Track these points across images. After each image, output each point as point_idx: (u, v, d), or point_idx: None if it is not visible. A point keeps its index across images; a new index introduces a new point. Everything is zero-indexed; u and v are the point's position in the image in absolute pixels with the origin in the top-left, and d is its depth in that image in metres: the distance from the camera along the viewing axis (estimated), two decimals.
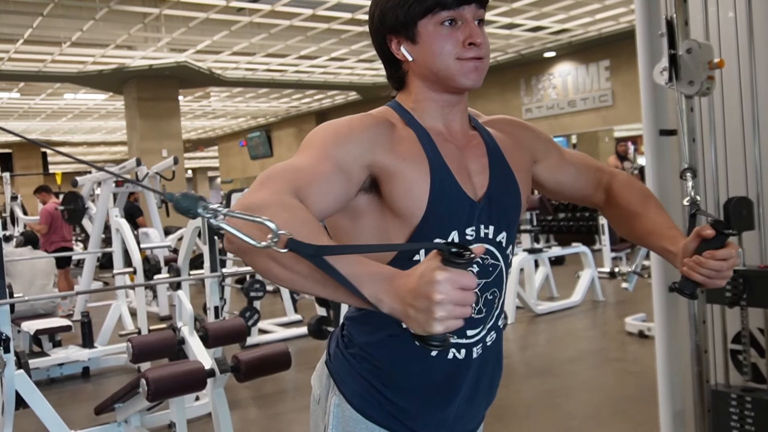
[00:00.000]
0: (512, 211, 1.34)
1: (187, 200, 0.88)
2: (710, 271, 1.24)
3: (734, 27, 2.66)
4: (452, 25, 1.22)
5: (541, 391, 4.52)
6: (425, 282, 0.85)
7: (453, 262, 0.85)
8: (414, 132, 1.27)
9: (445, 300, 0.84)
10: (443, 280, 0.84)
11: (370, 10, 1.31)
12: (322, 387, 1.35)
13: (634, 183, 1.52)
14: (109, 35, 11.41)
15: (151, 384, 2.82)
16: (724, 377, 2.72)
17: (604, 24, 12.74)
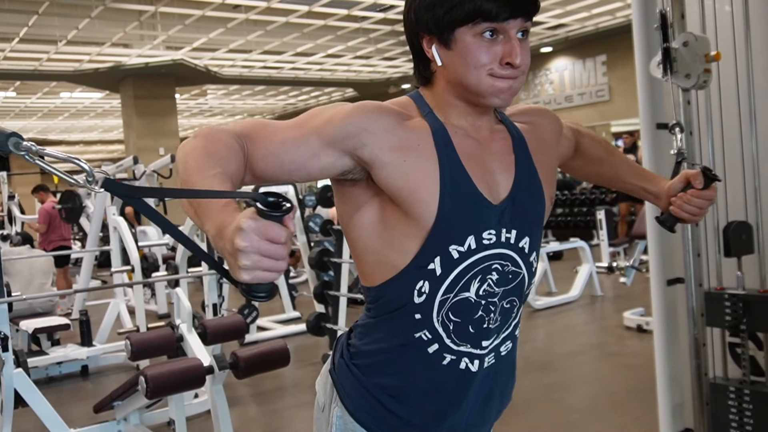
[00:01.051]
0: (536, 214, 1.26)
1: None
2: (694, 208, 1.40)
3: (731, 20, 2.66)
4: (493, 36, 1.12)
5: (540, 386, 4.52)
6: (233, 228, 0.84)
7: (264, 213, 0.84)
8: (430, 126, 1.19)
9: (249, 248, 0.82)
10: (248, 229, 0.82)
11: (405, 7, 1.22)
12: (326, 396, 1.31)
13: (595, 135, 1.56)
14: (104, 33, 11.39)
15: (150, 381, 2.82)
16: (722, 370, 2.72)
17: (601, 19, 12.74)
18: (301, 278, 9.43)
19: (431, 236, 1.15)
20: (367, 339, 1.27)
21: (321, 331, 5.36)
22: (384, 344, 1.24)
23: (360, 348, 1.27)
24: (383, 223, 1.18)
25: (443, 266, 1.16)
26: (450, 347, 1.21)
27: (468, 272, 1.18)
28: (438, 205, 1.14)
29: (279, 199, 0.85)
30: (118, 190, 0.92)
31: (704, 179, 1.39)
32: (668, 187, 1.44)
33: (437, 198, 1.14)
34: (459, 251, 1.16)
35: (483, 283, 1.19)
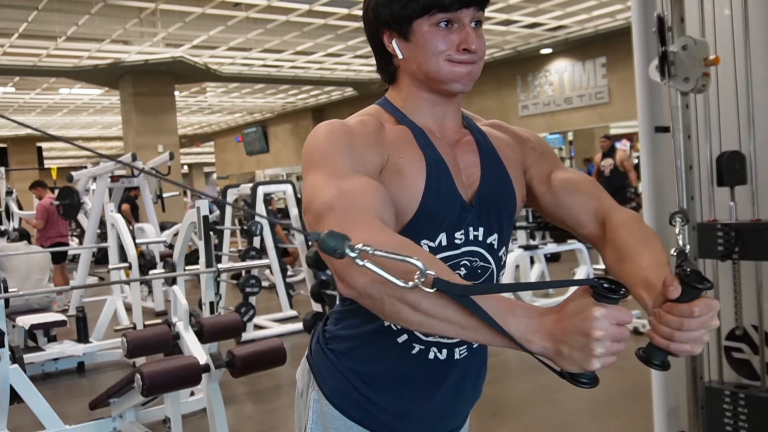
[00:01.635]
0: (505, 211, 1.29)
1: (333, 239, 0.84)
2: (670, 330, 0.92)
3: (730, 24, 2.66)
4: (448, 26, 1.18)
5: (536, 387, 4.52)
6: (581, 319, 0.83)
7: (608, 298, 0.83)
8: (409, 129, 1.24)
9: (605, 336, 0.82)
10: (601, 317, 0.82)
11: (363, 5, 1.28)
12: (304, 381, 1.35)
13: (636, 222, 1.25)
14: (104, 30, 11.37)
15: (146, 379, 2.82)
16: (717, 374, 2.73)
17: (601, 21, 12.74)
18: (298, 277, 9.43)
19: (406, 229, 1.18)
20: (342, 324, 1.31)
21: None
22: (356, 330, 1.28)
23: (335, 333, 1.31)
24: None
25: None
26: (419, 337, 1.25)
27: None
28: (420, 200, 1.18)
29: (612, 284, 0.84)
30: (452, 289, 0.85)
31: (685, 288, 0.91)
32: (652, 300, 1.01)
33: (421, 194, 1.19)
34: (429, 246, 1.21)
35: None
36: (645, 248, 1.16)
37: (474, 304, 0.86)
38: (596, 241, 1.30)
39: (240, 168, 25.67)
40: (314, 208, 1.05)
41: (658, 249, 1.16)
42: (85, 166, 9.93)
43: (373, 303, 0.93)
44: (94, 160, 25.56)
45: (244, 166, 25.35)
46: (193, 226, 4.75)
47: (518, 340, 0.87)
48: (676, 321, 0.90)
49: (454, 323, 0.88)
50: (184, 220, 4.93)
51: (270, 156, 23.83)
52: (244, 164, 25.36)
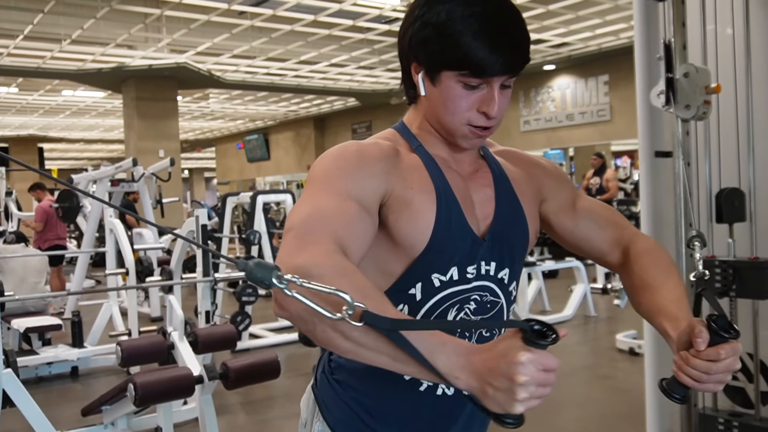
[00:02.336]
0: (518, 246, 1.27)
1: (261, 270, 0.83)
2: (698, 372, 1.02)
3: (732, 50, 2.67)
4: (475, 85, 1.13)
5: None
6: (507, 363, 0.81)
7: (536, 343, 0.82)
8: (421, 159, 1.22)
9: (529, 382, 0.81)
10: (527, 362, 0.81)
11: (405, 21, 1.21)
12: (308, 411, 1.33)
13: (658, 251, 1.30)
14: (109, 34, 11.41)
15: (139, 389, 2.81)
16: (712, 401, 2.73)
17: (604, 39, 12.79)
18: None
19: (417, 263, 1.17)
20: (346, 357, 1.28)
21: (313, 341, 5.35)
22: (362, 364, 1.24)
23: (340, 363, 1.29)
24: (374, 255, 1.18)
25: (423, 293, 1.19)
26: None
27: (447, 301, 1.20)
28: (431, 234, 1.16)
29: (543, 328, 0.83)
30: (380, 323, 0.84)
31: (712, 335, 1.00)
32: (678, 336, 1.08)
33: (431, 228, 1.16)
34: (441, 280, 1.19)
35: (460, 312, 1.22)
36: (666, 279, 1.22)
37: (402, 338, 0.85)
38: (618, 269, 1.35)
39: (240, 174, 25.69)
40: (286, 225, 1.05)
41: (678, 280, 1.23)
42: (86, 169, 9.94)
43: (305, 326, 0.91)
44: (95, 162, 25.59)
45: (244, 173, 25.37)
46: (191, 234, 4.75)
47: (445, 377, 0.86)
48: (705, 365, 1.00)
49: (384, 355, 0.88)
50: (183, 228, 4.93)
51: (271, 163, 23.85)
52: (244, 171, 25.37)
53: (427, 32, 1.14)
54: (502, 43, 1.11)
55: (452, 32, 1.11)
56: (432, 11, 1.13)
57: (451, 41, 1.11)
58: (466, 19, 1.10)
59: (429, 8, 1.14)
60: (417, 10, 1.17)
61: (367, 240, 1.09)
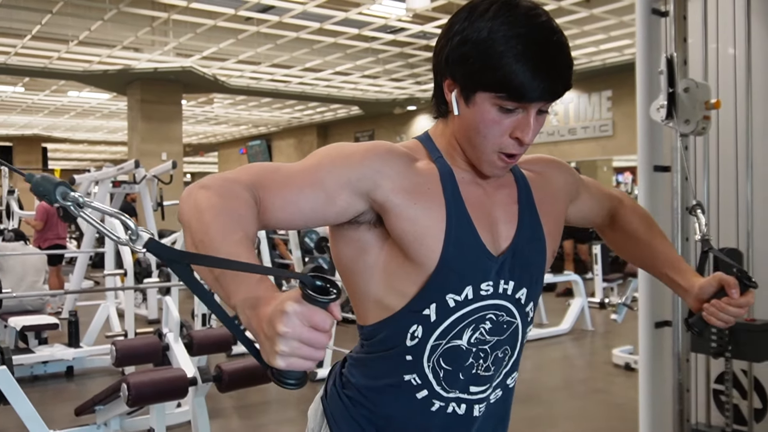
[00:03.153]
0: (536, 267, 1.24)
1: (45, 183, 0.81)
2: (729, 317, 1.31)
3: (733, 67, 2.68)
4: (512, 109, 1.09)
5: (524, 418, 4.50)
6: (274, 310, 0.78)
7: (311, 297, 0.77)
8: (438, 170, 1.17)
9: (290, 335, 0.77)
10: (292, 313, 0.77)
11: (443, 35, 1.16)
12: (316, 423, 1.30)
13: (639, 208, 1.52)
14: (116, 36, 11.46)
15: (132, 389, 2.81)
16: (705, 416, 2.72)
17: (608, 55, 12.83)
18: None
19: (430, 282, 1.13)
20: (359, 373, 1.25)
21: None
22: (374, 382, 1.23)
23: (351, 380, 1.26)
24: (385, 267, 1.16)
25: (438, 313, 1.15)
26: (440, 394, 1.20)
27: (462, 321, 1.17)
28: (441, 252, 1.12)
29: (327, 284, 0.79)
30: (163, 252, 0.85)
31: (741, 286, 1.30)
32: (699, 287, 1.35)
33: (441, 245, 1.12)
34: (455, 300, 1.15)
35: (475, 332, 1.18)
36: (656, 234, 1.46)
37: (187, 272, 0.86)
38: (606, 228, 1.53)
39: None
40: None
41: (664, 236, 1.48)
42: (89, 170, 9.95)
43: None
44: (98, 164, 25.63)
45: None
46: None
47: (238, 313, 0.86)
48: (737, 311, 1.31)
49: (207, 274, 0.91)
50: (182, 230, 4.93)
51: None
52: None
53: (466, 49, 1.09)
54: (545, 68, 1.06)
55: (493, 52, 1.06)
56: (473, 27, 1.08)
57: (491, 61, 1.06)
58: (510, 40, 1.05)
59: (470, 24, 1.09)
60: (457, 25, 1.12)
61: (294, 211, 1.08)
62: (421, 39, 11.73)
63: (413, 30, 11.16)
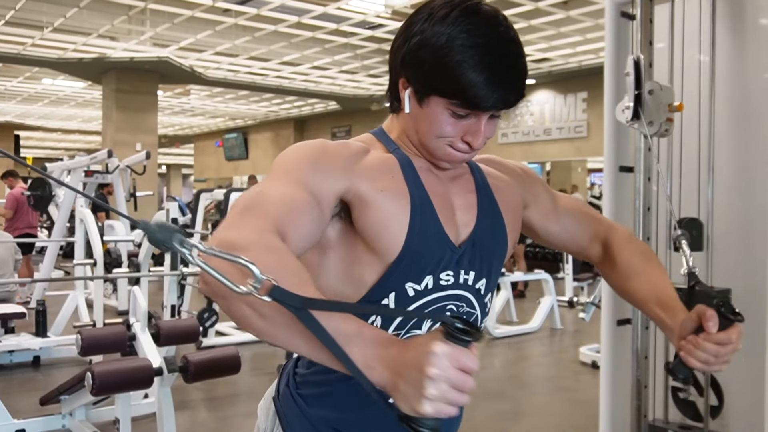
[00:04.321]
0: (496, 257, 1.24)
1: (162, 232, 0.78)
2: (708, 356, 1.10)
3: (698, 71, 2.73)
4: (464, 114, 1.10)
5: (491, 414, 4.55)
6: (420, 352, 0.75)
7: (456, 338, 0.75)
8: (398, 160, 1.18)
9: (440, 377, 0.74)
10: (441, 354, 0.74)
11: (402, 33, 1.15)
12: (268, 422, 1.28)
13: (635, 240, 1.40)
14: (92, 24, 11.33)
15: (97, 378, 2.80)
16: (663, 413, 2.78)
17: (584, 57, 12.95)
18: None
19: (390, 271, 1.12)
20: (314, 368, 1.23)
21: None
22: (330, 375, 1.17)
23: (306, 377, 1.24)
24: (346, 260, 1.15)
25: (397, 302, 1.14)
26: None
27: (422, 311, 1.16)
28: (404, 240, 1.12)
29: (466, 325, 0.76)
30: (289, 300, 0.77)
31: (720, 319, 1.09)
32: (681, 323, 1.17)
33: (405, 233, 1.12)
34: (415, 289, 1.15)
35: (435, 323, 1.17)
36: (651, 267, 1.32)
37: (312, 320, 0.79)
38: (599, 261, 1.42)
39: (218, 172, 25.58)
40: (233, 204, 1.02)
41: (661, 268, 1.33)
42: (62, 159, 9.84)
43: (224, 304, 0.85)
44: (72, 153, 25.31)
45: (222, 171, 25.27)
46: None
47: (359, 367, 0.80)
48: (715, 349, 1.09)
49: (298, 337, 0.82)
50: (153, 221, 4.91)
51: (249, 163, 23.78)
52: (222, 169, 25.27)
53: (423, 54, 1.09)
54: (500, 79, 1.07)
55: (450, 60, 1.06)
56: (432, 31, 1.09)
57: (447, 70, 1.07)
58: (467, 50, 1.06)
59: (430, 27, 1.09)
60: (417, 26, 1.12)
61: (310, 232, 1.05)
62: None
63: (392, 26, 11.17)
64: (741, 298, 2.53)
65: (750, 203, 2.64)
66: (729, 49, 2.70)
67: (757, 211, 2.61)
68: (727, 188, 2.68)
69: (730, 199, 2.68)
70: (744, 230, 2.67)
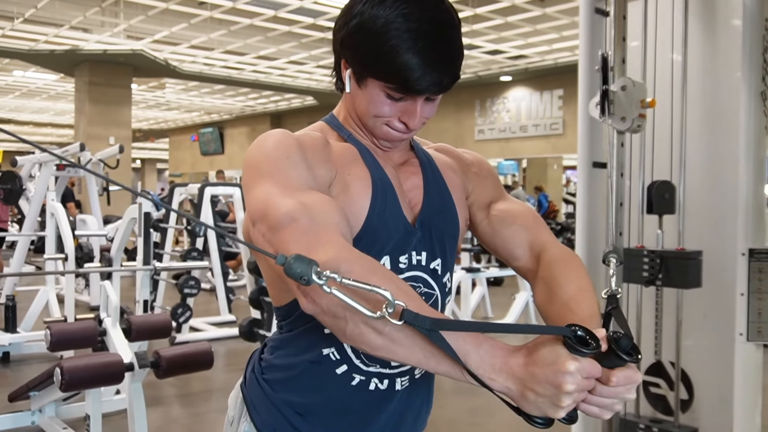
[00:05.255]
0: (448, 235, 1.26)
1: (300, 264, 0.82)
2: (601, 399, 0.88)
3: (670, 68, 2.76)
4: (399, 95, 1.13)
5: (464, 409, 4.56)
6: (554, 371, 0.83)
7: (580, 351, 0.83)
8: (356, 148, 1.21)
9: (576, 390, 0.83)
10: (576, 371, 0.83)
11: (343, 14, 1.17)
12: (236, 410, 1.29)
13: (571, 264, 1.22)
14: (64, 15, 11.17)
15: (66, 374, 2.76)
16: (634, 407, 2.80)
17: (560, 54, 13.04)
18: (240, 282, 9.35)
19: None
20: (278, 353, 1.24)
21: (253, 336, 5.33)
22: (294, 359, 1.22)
23: (271, 362, 1.25)
24: None
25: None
26: (359, 368, 1.19)
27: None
28: (364, 221, 1.14)
29: (585, 334, 0.84)
30: (420, 323, 0.84)
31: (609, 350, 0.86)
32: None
33: (365, 214, 1.15)
34: None
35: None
36: (577, 292, 1.14)
37: (441, 339, 0.85)
38: (528, 275, 1.28)
39: (193, 167, 25.39)
40: (271, 220, 0.99)
41: (589, 293, 1.14)
42: (33, 152, 9.68)
43: (335, 322, 0.91)
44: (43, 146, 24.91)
45: (197, 166, 25.09)
46: (133, 222, 4.68)
47: (479, 377, 0.87)
48: (612, 391, 0.87)
49: (418, 351, 0.89)
50: (125, 216, 4.86)
51: (224, 158, 23.64)
52: (197, 164, 25.09)
53: (360, 37, 1.11)
54: (434, 64, 1.09)
55: (385, 45, 1.08)
56: (370, 14, 1.10)
57: (382, 54, 1.09)
58: (402, 34, 1.08)
59: (369, 10, 1.11)
60: (357, 7, 1.13)
61: (350, 225, 1.08)
62: None
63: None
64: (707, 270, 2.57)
65: (720, 197, 2.67)
66: (701, 48, 2.72)
67: (727, 205, 2.64)
68: (699, 183, 2.71)
69: (701, 193, 2.71)
70: (715, 226, 2.69)
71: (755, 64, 2.60)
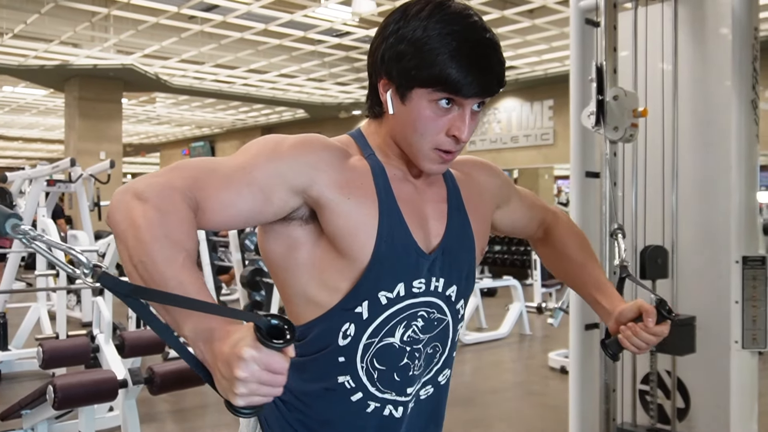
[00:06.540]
0: (466, 264, 1.26)
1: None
2: (642, 342, 1.30)
3: (661, 77, 2.77)
4: (448, 106, 1.10)
5: (461, 421, 4.55)
6: (231, 354, 0.81)
7: (266, 342, 0.78)
8: (370, 166, 1.18)
9: (249, 379, 0.80)
10: (249, 359, 0.80)
11: (378, 35, 1.17)
12: (249, 428, 1.28)
13: (575, 227, 1.53)
14: (54, 30, 11.16)
15: (59, 392, 2.73)
16: (631, 416, 2.80)
17: (550, 65, 13.10)
18: (233, 296, 9.30)
19: (362, 280, 1.13)
20: (293, 377, 1.21)
21: None
22: (308, 386, 1.21)
23: (287, 384, 1.24)
24: (317, 263, 1.15)
25: (370, 311, 1.15)
26: (374, 395, 1.19)
27: (394, 318, 1.17)
28: (373, 249, 1.13)
29: (283, 324, 0.80)
30: (115, 286, 0.86)
31: (658, 316, 1.30)
32: (620, 311, 1.35)
33: (373, 241, 1.13)
34: (387, 297, 1.15)
35: (408, 329, 1.18)
36: (590, 257, 1.48)
37: (140, 304, 0.88)
38: (538, 242, 1.55)
39: None
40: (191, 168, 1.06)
41: (596, 257, 1.51)
42: (23, 168, 9.65)
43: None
44: (33, 162, 24.85)
45: None
46: None
47: (190, 343, 0.88)
48: (649, 338, 1.30)
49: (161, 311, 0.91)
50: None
51: None
52: None
53: (402, 47, 1.10)
54: (479, 64, 1.08)
55: (429, 49, 1.08)
56: (408, 26, 1.11)
57: (427, 58, 1.08)
58: (445, 37, 1.07)
59: (405, 23, 1.11)
60: (392, 25, 1.13)
61: (233, 213, 1.07)
62: (367, 43, 11.74)
63: (359, 34, 11.19)
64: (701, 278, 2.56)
65: (713, 205, 2.68)
66: (691, 57, 2.74)
67: (720, 213, 2.65)
68: (691, 191, 2.72)
69: (694, 203, 2.72)
70: (707, 231, 2.70)
71: (745, 72, 2.62)
